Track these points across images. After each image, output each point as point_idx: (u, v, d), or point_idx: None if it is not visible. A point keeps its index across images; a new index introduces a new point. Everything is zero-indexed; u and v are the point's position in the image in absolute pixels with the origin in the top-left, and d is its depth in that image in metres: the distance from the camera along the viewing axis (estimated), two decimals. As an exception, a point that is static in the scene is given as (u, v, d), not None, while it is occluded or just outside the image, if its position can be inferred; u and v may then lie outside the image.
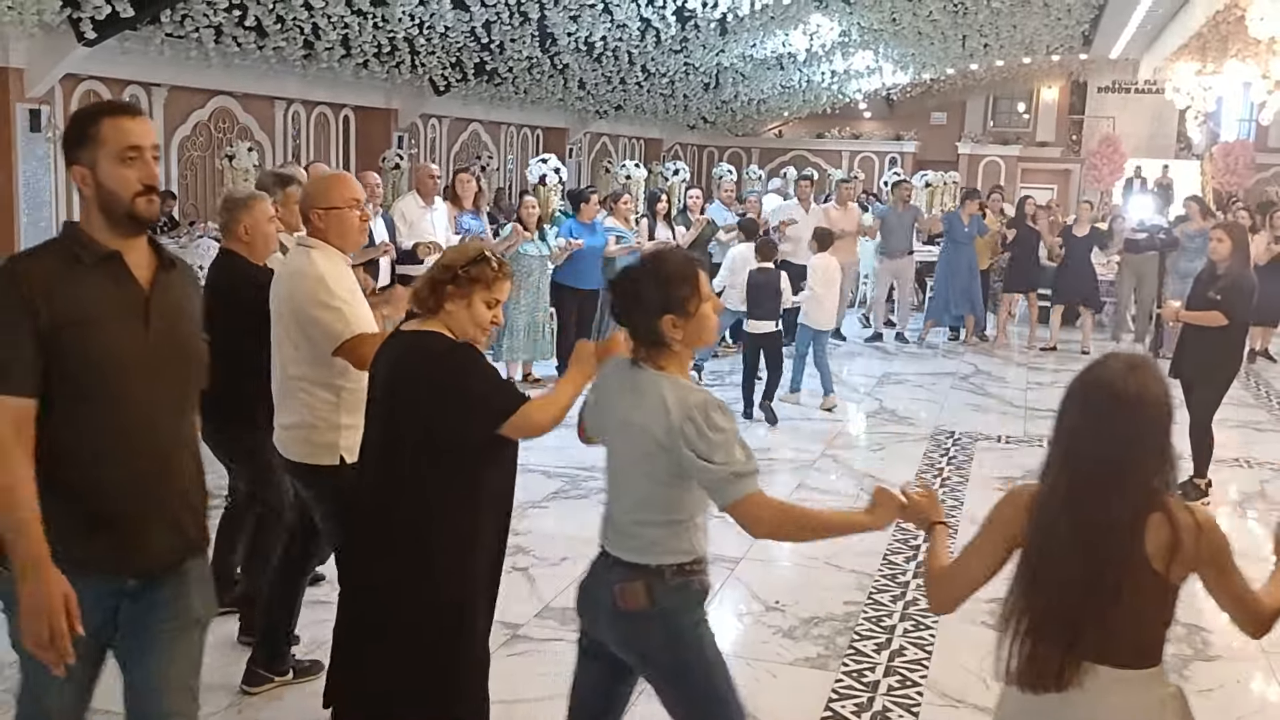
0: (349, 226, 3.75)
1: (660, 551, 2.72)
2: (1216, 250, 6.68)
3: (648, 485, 2.71)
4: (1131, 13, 16.57)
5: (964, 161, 27.09)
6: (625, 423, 2.74)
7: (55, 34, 10.10)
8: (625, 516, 2.77)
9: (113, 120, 2.48)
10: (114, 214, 2.48)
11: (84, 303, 2.43)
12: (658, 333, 2.72)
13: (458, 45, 13.54)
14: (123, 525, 2.49)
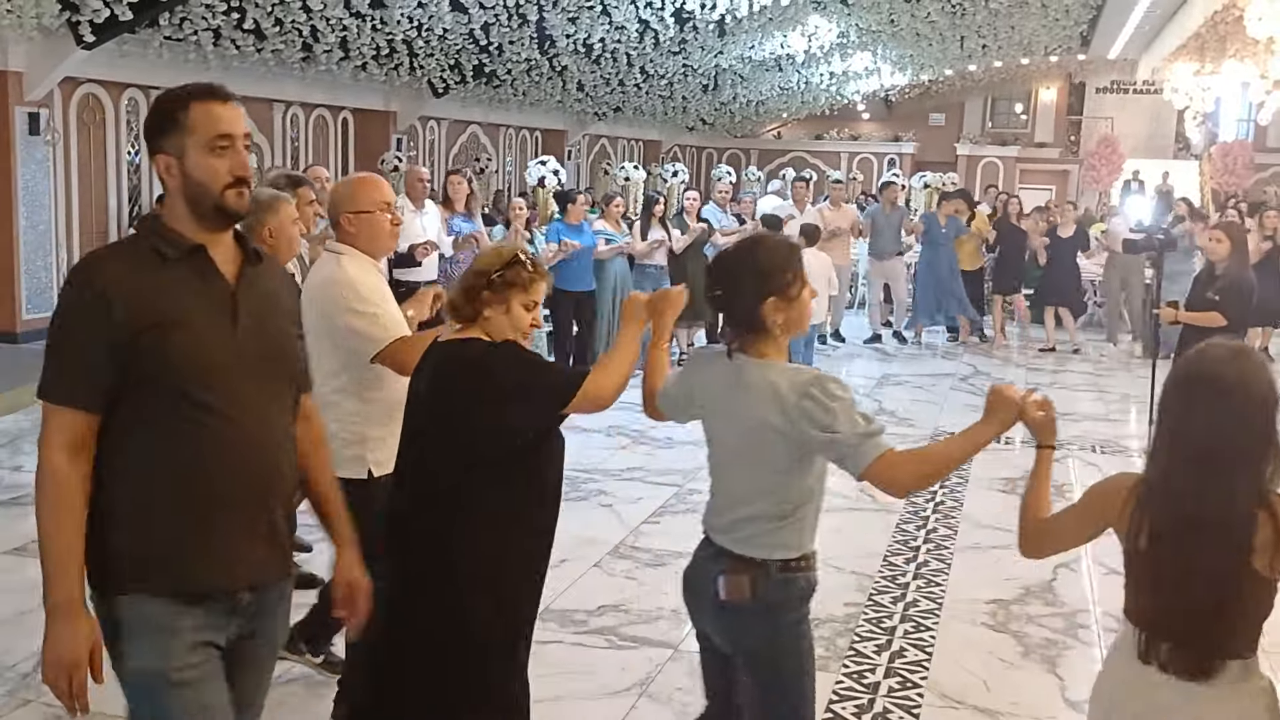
0: (380, 230, 3.67)
1: (766, 545, 2.70)
2: (1215, 251, 6.68)
3: (757, 476, 2.69)
4: (1129, 13, 16.58)
5: (962, 163, 27.10)
6: (731, 415, 2.71)
7: (54, 37, 10.10)
8: (731, 509, 2.75)
9: (203, 105, 2.29)
10: (201, 206, 2.29)
11: (169, 302, 2.25)
12: (759, 317, 2.67)
13: (456, 47, 13.55)
14: (234, 538, 2.32)
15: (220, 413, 2.26)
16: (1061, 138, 28.28)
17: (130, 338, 2.19)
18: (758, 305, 2.66)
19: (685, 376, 2.93)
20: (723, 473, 2.80)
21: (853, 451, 2.55)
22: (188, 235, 2.29)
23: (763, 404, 2.62)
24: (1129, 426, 8.97)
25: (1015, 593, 5.25)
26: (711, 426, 2.81)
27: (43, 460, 2.24)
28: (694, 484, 6.81)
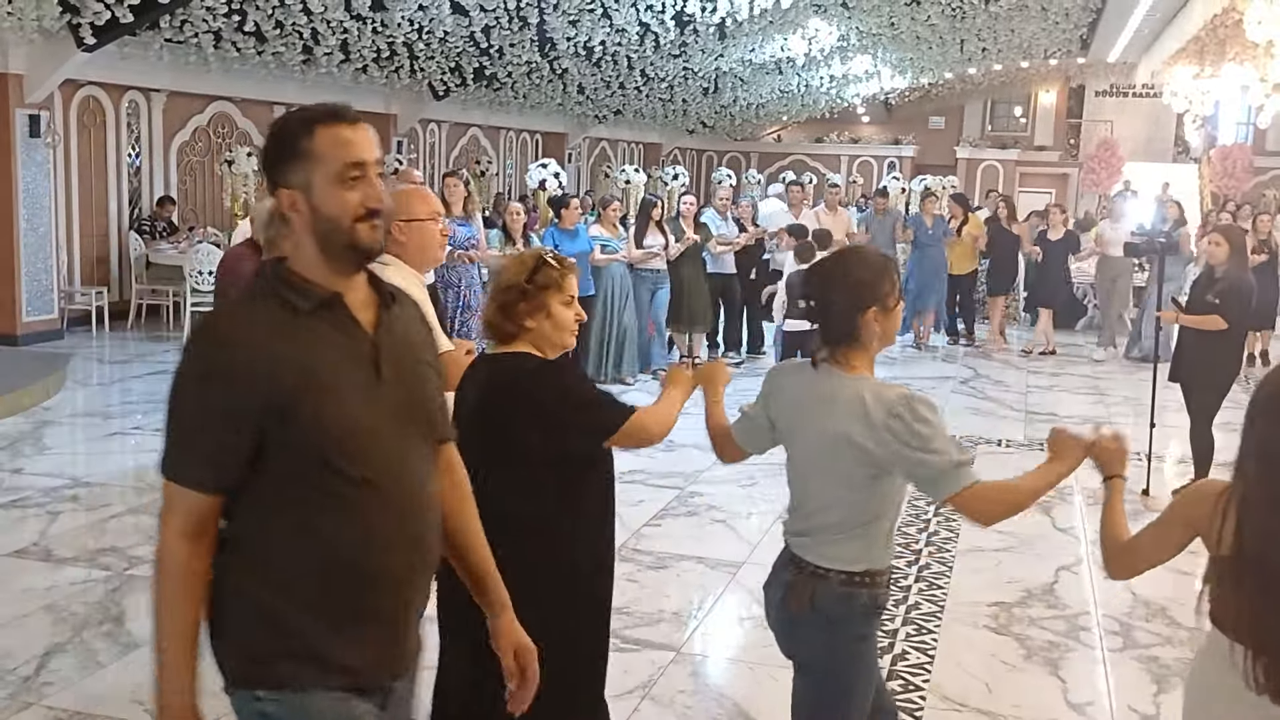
0: (430, 240, 3.61)
1: (831, 556, 2.69)
2: (1214, 255, 6.68)
3: (831, 488, 2.68)
4: (1129, 16, 16.61)
5: (962, 166, 27.12)
6: (812, 425, 2.70)
7: (55, 39, 10.10)
8: (804, 517, 2.75)
9: (329, 130, 2.00)
10: (333, 246, 2.00)
11: (307, 362, 1.96)
12: (856, 328, 2.66)
13: (457, 50, 13.55)
14: (391, 617, 2.08)
15: (367, 482, 1.99)
16: (1061, 141, 28.30)
17: (265, 407, 1.93)
18: (857, 316, 2.65)
19: (768, 392, 2.89)
20: (799, 481, 2.79)
21: (941, 478, 2.56)
22: (319, 281, 2.02)
23: (847, 418, 2.61)
24: (1130, 430, 8.95)
25: (1017, 595, 5.24)
26: (791, 436, 2.80)
27: (162, 542, 2.00)
28: (695, 486, 6.81)
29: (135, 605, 4.77)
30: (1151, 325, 8.91)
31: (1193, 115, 19.81)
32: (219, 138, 14.02)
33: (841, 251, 2.86)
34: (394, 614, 2.07)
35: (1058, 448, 2.67)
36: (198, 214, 13.86)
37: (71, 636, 4.46)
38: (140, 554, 5.38)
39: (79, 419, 8.31)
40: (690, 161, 26.88)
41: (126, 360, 10.65)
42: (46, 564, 5.16)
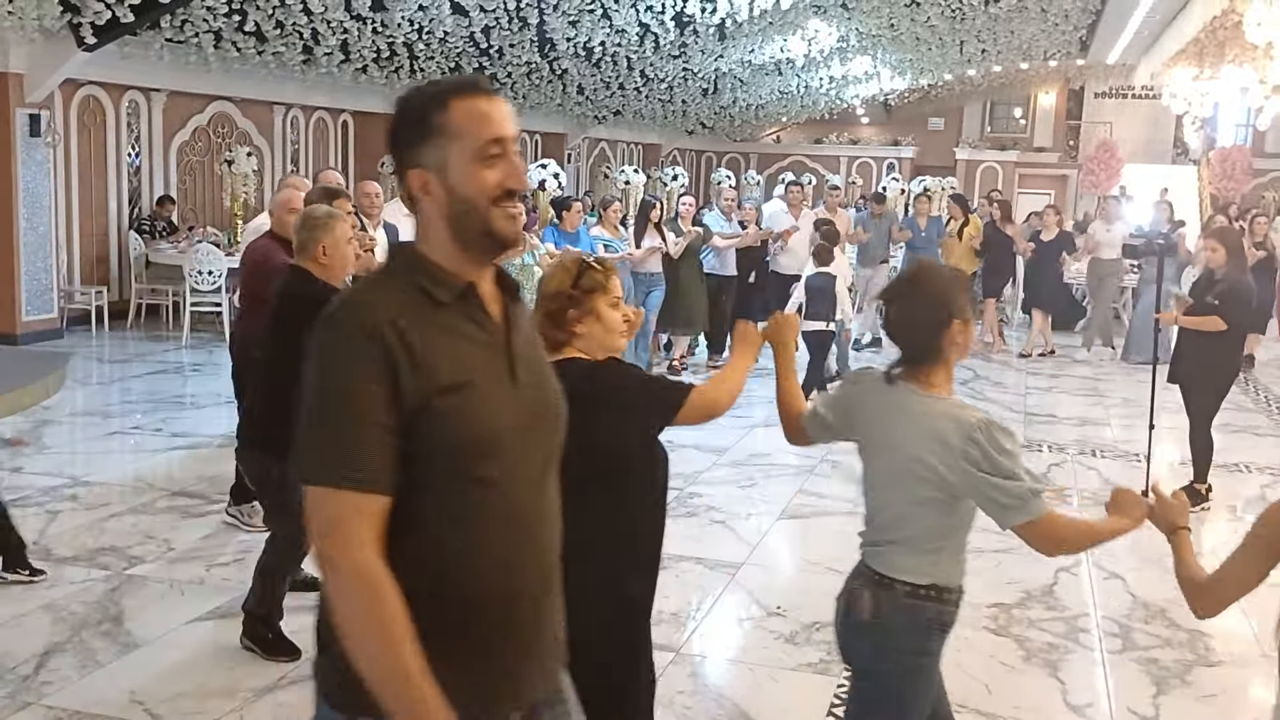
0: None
1: (899, 567, 2.68)
2: (1212, 259, 6.69)
3: (909, 507, 2.66)
4: (1129, 18, 16.61)
5: (961, 167, 27.13)
6: (889, 445, 2.69)
7: (55, 39, 10.10)
8: (877, 529, 2.74)
9: (466, 103, 1.83)
10: (468, 231, 1.83)
11: (453, 356, 1.79)
12: (940, 344, 2.66)
13: (457, 50, 13.54)
14: (520, 643, 1.88)
15: (503, 490, 1.83)
16: (1060, 142, 28.31)
17: (416, 406, 1.74)
18: (941, 332, 2.65)
19: (843, 401, 2.90)
20: (874, 494, 2.79)
21: (1013, 507, 2.55)
22: (453, 270, 1.85)
23: (923, 439, 2.61)
24: (1128, 431, 8.96)
25: (1016, 597, 5.24)
26: (867, 450, 2.80)
27: (343, 565, 1.70)
28: (694, 487, 6.81)
29: (134, 605, 4.78)
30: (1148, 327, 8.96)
31: (1192, 117, 19.82)
32: (219, 137, 14.02)
33: (919, 268, 2.86)
34: (524, 639, 1.88)
35: (1121, 505, 2.69)
36: (197, 214, 13.85)
37: (70, 636, 4.46)
38: (138, 553, 5.38)
39: (78, 418, 8.31)
40: (690, 162, 26.88)
41: (126, 360, 10.65)
42: (46, 563, 5.15)
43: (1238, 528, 6.60)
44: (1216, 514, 6.80)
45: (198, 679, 4.14)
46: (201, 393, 9.38)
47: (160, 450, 7.38)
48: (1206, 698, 4.33)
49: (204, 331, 11.70)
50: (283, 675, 4.18)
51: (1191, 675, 4.52)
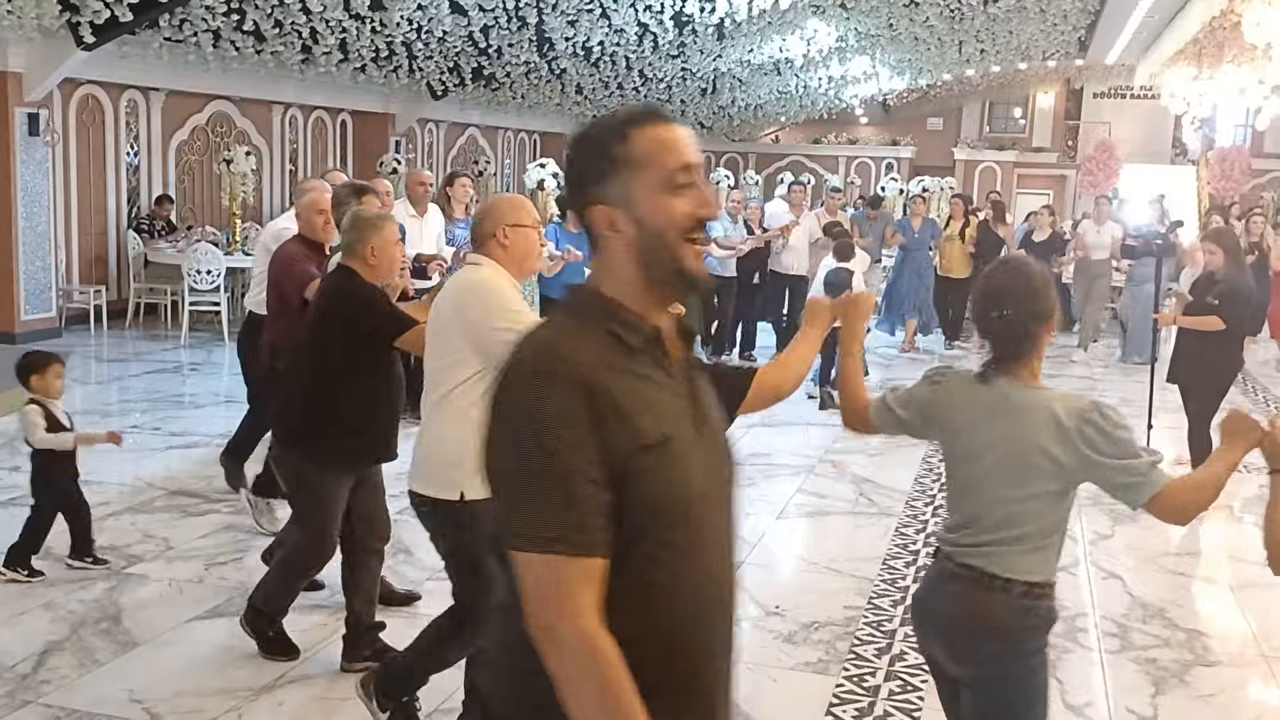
0: (533, 248, 3.60)
1: (1015, 568, 2.63)
2: (1211, 262, 6.70)
3: (1014, 500, 2.63)
4: (1127, 18, 16.62)
5: (960, 167, 27.13)
6: (992, 439, 2.66)
7: (54, 38, 10.10)
8: (989, 532, 2.66)
9: (647, 132, 1.73)
10: (660, 269, 1.72)
11: (651, 409, 1.67)
12: (1037, 339, 2.67)
13: (455, 50, 13.55)
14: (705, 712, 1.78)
15: (690, 552, 1.71)
16: (1059, 143, 28.32)
17: (621, 460, 1.62)
18: (1040, 327, 2.66)
19: (924, 400, 2.83)
20: (971, 494, 2.72)
21: (1141, 481, 2.53)
22: (638, 311, 1.73)
23: (1037, 428, 2.60)
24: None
25: (1014, 596, 5.24)
26: (962, 452, 2.75)
27: (568, 635, 1.59)
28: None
29: (133, 604, 4.78)
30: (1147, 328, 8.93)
31: (1191, 117, 19.87)
32: (217, 137, 14.02)
33: (1007, 265, 2.84)
34: (709, 707, 1.78)
35: (1233, 429, 2.62)
36: (196, 213, 13.85)
37: (69, 635, 4.45)
38: (136, 552, 5.38)
39: (76, 417, 8.24)
40: (688, 162, 26.85)
41: (124, 359, 10.64)
42: (45, 562, 5.15)
43: (1236, 528, 6.61)
44: (1215, 514, 6.80)
45: (196, 678, 4.14)
46: (200, 392, 9.37)
47: (159, 450, 7.38)
48: (1205, 697, 4.33)
49: (202, 331, 11.69)
50: (281, 674, 4.17)
51: (1190, 675, 4.53)
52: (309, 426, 4.09)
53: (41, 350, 5.39)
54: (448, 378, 3.40)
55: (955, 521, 2.76)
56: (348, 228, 4.19)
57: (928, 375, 2.85)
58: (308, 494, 4.16)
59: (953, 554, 2.72)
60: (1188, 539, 6.34)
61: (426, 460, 3.46)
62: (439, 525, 3.50)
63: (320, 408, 4.04)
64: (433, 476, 3.43)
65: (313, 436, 4.10)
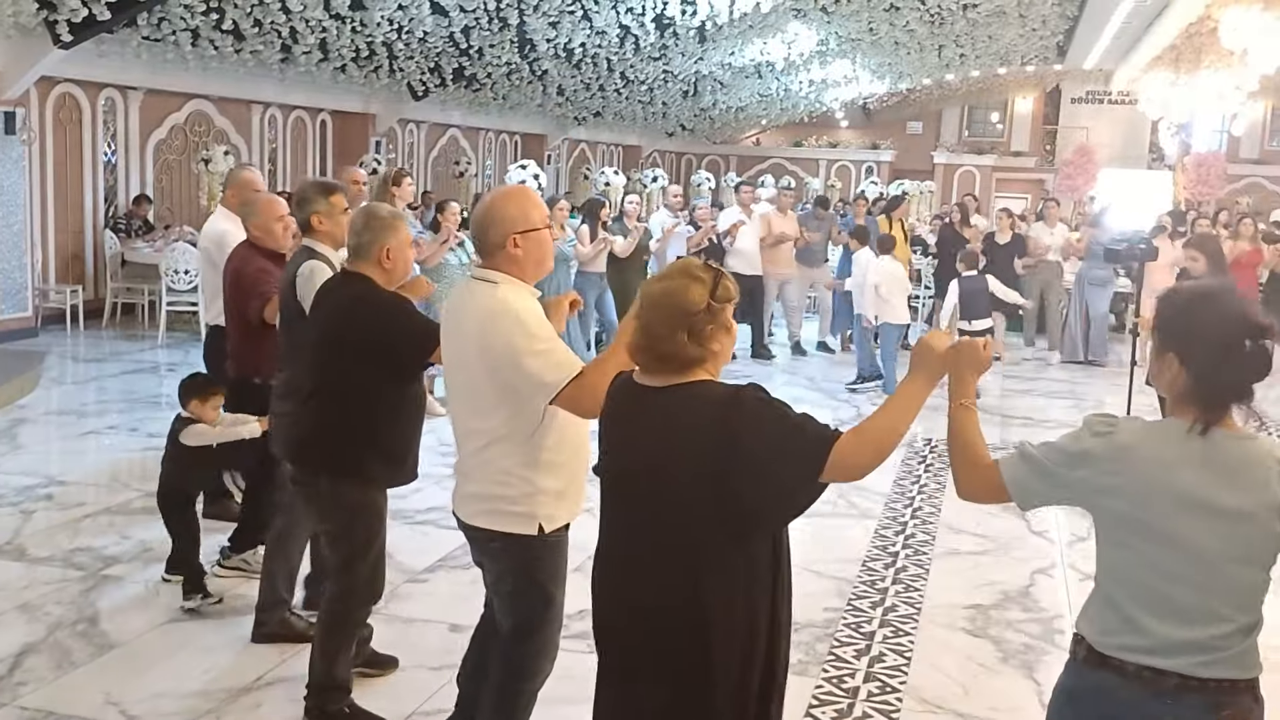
0: (547, 250, 3.23)
1: (1253, 659, 2.22)
2: (1193, 269, 6.77)
3: (1241, 579, 2.18)
4: (1106, 24, 16.73)
5: (939, 171, 27.27)
6: (1210, 507, 2.15)
7: (31, 36, 10.03)
8: (1216, 624, 2.17)
9: None
10: None
11: None
12: (1251, 385, 2.22)
13: (436, 50, 13.52)
14: None
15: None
16: (1037, 147, 28.50)
17: None
18: (1263, 367, 2.18)
19: (1087, 457, 2.26)
20: (1191, 582, 2.18)
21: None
22: None
23: (1263, 485, 2.15)
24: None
25: (993, 598, 5.27)
26: (1147, 514, 2.20)
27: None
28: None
29: (109, 605, 4.75)
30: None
31: (1168, 122, 20.02)
32: (196, 136, 13.95)
33: (1230, 287, 2.37)
34: None
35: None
36: (174, 212, 13.77)
37: (46, 636, 4.42)
38: (114, 553, 5.35)
39: (53, 417, 8.25)
40: (670, 164, 26.91)
41: (101, 359, 10.58)
42: (20, 563, 5.12)
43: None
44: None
45: (174, 680, 4.11)
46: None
47: (136, 450, 7.33)
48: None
49: (180, 331, 11.63)
50: (259, 676, 4.16)
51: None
52: (348, 447, 3.66)
53: (209, 378, 5.08)
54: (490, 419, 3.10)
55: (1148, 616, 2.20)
56: (360, 227, 3.73)
57: (1092, 426, 2.28)
58: (361, 523, 3.72)
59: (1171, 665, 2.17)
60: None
61: (491, 494, 3.14)
62: (512, 560, 3.19)
63: (357, 426, 3.64)
64: (502, 511, 3.13)
65: (356, 456, 3.67)
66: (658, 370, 2.49)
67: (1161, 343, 2.25)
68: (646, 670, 2.51)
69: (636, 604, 2.52)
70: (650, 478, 2.48)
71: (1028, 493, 2.32)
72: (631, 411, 2.55)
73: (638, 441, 2.52)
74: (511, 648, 3.27)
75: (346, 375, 3.60)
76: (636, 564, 2.53)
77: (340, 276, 3.83)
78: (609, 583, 2.61)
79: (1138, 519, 2.20)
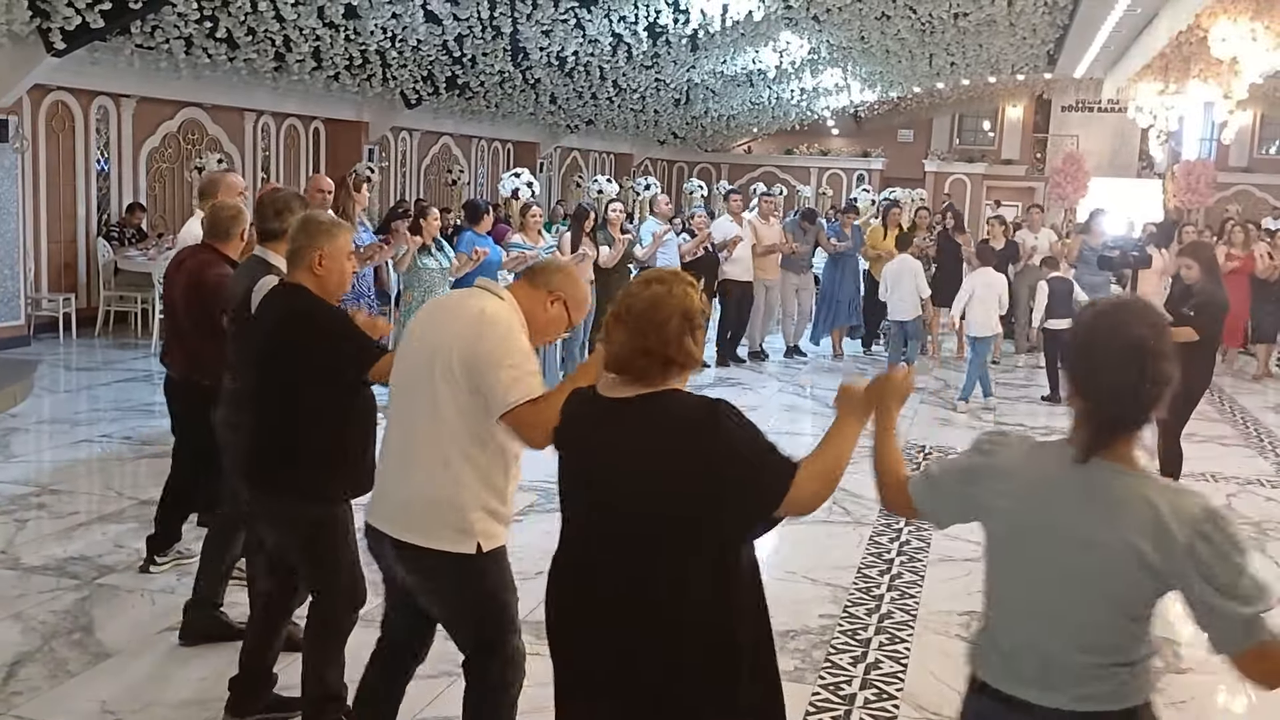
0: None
1: (1134, 692, 2.18)
2: (1187, 276, 6.80)
3: (1099, 615, 2.11)
4: (1096, 33, 16.79)
5: (930, 179, 27.32)
6: (1081, 541, 2.08)
7: (24, 44, 10.01)
8: (1076, 654, 2.12)
9: None
10: None
11: None
12: (1148, 415, 2.10)
13: (429, 59, 13.54)
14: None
15: None
16: (1028, 155, 28.58)
17: None
18: (1159, 398, 2.08)
19: (969, 477, 2.27)
20: (1034, 605, 2.16)
21: (1242, 630, 2.01)
22: None
23: (1135, 529, 2.04)
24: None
25: (988, 605, 5.28)
26: (1023, 540, 2.18)
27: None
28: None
29: (104, 614, 4.74)
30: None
31: (1157, 131, 20.09)
32: (189, 144, 13.94)
33: (1134, 306, 2.20)
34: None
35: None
36: (167, 221, 13.75)
37: (40, 645, 4.41)
38: (108, 562, 5.34)
39: (45, 426, 8.23)
40: (661, 172, 26.95)
41: (94, 367, 10.55)
42: (14, 572, 5.11)
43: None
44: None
45: (169, 689, 4.11)
46: (171, 401, 9.29)
47: (129, 459, 7.32)
48: (1175, 705, 4.37)
49: (173, 339, 11.60)
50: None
51: (1161, 682, 4.56)
52: (298, 463, 3.57)
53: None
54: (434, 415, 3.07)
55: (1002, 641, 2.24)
56: (296, 232, 3.67)
57: (977, 442, 2.29)
58: (325, 536, 3.61)
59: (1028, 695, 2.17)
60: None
61: (432, 509, 3.07)
62: (451, 580, 3.13)
63: (306, 441, 3.57)
64: (443, 528, 3.06)
65: (309, 473, 3.57)
66: (643, 377, 2.45)
67: (1067, 362, 2.18)
68: (611, 687, 2.47)
69: (605, 616, 2.47)
70: (624, 488, 2.44)
71: (936, 512, 2.37)
72: (601, 422, 2.50)
73: (612, 452, 2.47)
74: (480, 666, 3.22)
75: (290, 390, 3.53)
76: (602, 571, 2.48)
77: (279, 288, 3.75)
78: (573, 591, 2.56)
79: (1009, 544, 2.20)
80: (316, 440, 3.55)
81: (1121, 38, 17.18)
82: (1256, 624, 1.99)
